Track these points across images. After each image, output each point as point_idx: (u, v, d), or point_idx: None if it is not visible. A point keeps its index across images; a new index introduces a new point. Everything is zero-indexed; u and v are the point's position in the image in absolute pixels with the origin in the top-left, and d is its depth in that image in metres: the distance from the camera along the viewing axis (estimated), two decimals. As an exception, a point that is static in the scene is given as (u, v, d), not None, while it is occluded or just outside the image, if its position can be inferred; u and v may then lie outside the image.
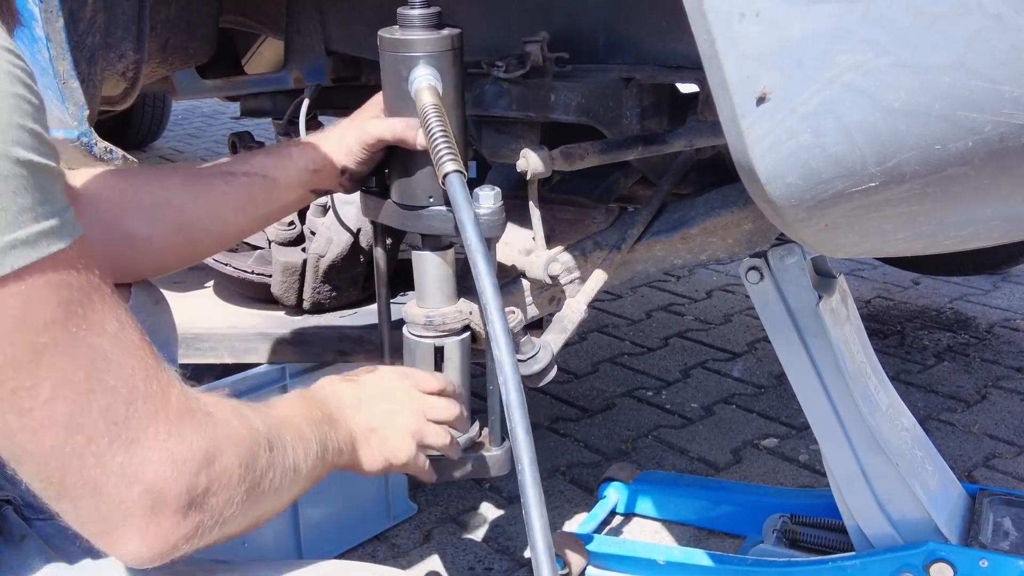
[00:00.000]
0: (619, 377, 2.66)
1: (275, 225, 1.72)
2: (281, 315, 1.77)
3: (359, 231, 1.71)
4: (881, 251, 1.05)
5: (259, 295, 1.78)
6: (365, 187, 1.28)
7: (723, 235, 1.44)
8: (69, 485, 0.74)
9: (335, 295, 1.75)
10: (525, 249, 1.35)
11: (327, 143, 1.24)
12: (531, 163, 1.27)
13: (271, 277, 1.74)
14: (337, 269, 1.73)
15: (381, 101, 1.22)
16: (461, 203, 1.05)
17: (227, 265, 1.75)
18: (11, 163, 0.67)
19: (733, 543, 1.89)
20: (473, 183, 1.12)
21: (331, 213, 1.71)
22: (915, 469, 1.55)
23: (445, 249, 1.25)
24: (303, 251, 1.74)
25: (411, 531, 1.95)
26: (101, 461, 0.74)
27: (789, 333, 1.49)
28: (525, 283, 1.36)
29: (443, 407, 1.17)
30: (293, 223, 1.75)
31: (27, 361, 0.70)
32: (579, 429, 2.37)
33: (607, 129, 1.35)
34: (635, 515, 1.99)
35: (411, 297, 1.29)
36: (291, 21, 1.85)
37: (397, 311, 1.35)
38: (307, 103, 1.74)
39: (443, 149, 1.07)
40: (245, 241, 1.77)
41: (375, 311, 1.40)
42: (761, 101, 0.85)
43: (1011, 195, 0.88)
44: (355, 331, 1.69)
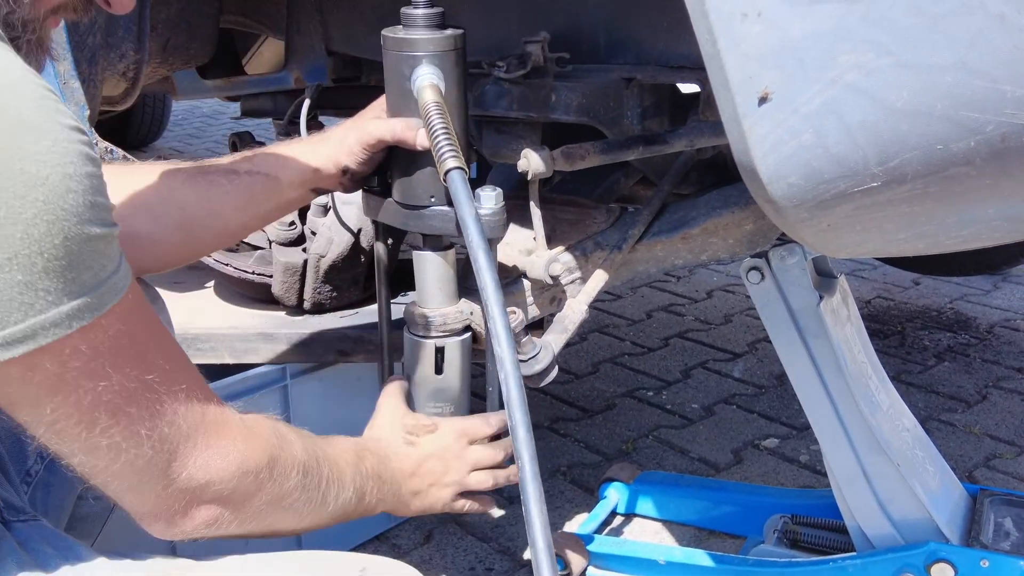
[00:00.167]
0: (619, 377, 2.66)
1: (276, 225, 1.71)
2: (282, 315, 1.77)
3: (360, 231, 1.70)
4: (883, 251, 1.05)
5: (260, 295, 1.78)
6: (367, 186, 1.29)
7: (724, 235, 1.44)
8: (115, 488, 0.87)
9: (336, 295, 1.75)
10: (526, 249, 1.35)
11: (329, 143, 1.25)
12: (532, 163, 1.26)
13: (272, 277, 1.74)
14: (338, 269, 1.73)
15: (384, 103, 1.23)
16: (462, 200, 1.05)
17: (227, 265, 1.75)
18: (87, 240, 0.77)
19: (734, 543, 1.89)
20: (474, 184, 1.12)
21: (332, 213, 1.71)
22: (916, 469, 1.55)
23: (446, 249, 1.25)
24: (304, 251, 1.74)
25: (412, 531, 1.95)
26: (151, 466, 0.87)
27: (790, 333, 1.48)
28: (526, 283, 1.36)
29: (489, 456, 1.25)
30: (294, 223, 1.74)
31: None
32: (579, 429, 2.37)
33: (608, 129, 1.35)
34: (636, 515, 1.99)
35: (412, 297, 1.29)
36: (291, 21, 1.85)
37: (398, 311, 1.35)
38: (308, 103, 1.74)
39: (445, 146, 1.07)
40: (245, 241, 1.77)
41: (376, 311, 1.40)
42: (763, 101, 0.85)
43: (1013, 195, 0.88)
44: (356, 331, 1.69)
